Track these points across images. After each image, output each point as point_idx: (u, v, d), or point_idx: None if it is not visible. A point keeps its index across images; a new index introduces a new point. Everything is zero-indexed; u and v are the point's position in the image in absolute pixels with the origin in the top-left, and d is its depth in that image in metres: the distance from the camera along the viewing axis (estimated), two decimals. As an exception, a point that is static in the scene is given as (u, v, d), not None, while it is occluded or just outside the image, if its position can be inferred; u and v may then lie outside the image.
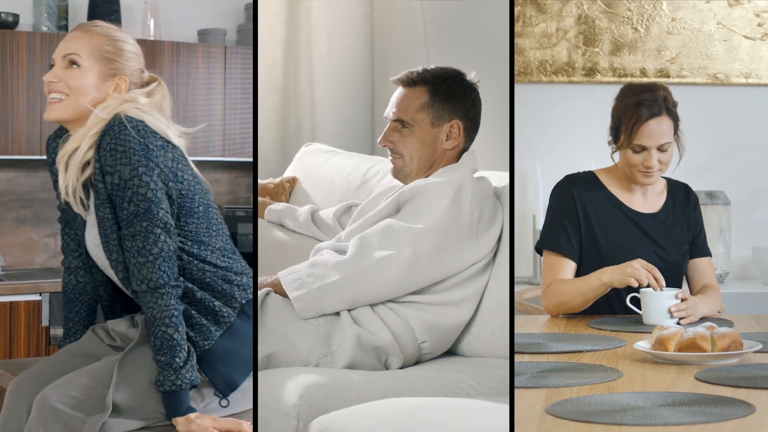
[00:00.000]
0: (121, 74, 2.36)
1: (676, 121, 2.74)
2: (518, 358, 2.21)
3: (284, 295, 2.56)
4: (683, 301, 2.59)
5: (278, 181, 3.45)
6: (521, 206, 4.40)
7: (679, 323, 2.53)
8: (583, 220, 2.77)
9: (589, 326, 2.59)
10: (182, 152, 2.34)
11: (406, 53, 3.92)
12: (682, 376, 2.02)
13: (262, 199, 3.33)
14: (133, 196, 2.21)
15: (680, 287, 2.80)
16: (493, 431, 2.01)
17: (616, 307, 2.75)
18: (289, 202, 3.43)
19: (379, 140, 2.80)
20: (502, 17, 3.45)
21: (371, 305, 2.56)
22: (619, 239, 2.76)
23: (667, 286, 2.67)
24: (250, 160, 4.95)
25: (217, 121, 4.80)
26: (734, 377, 1.97)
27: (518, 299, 3.46)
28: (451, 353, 2.69)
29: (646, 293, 2.60)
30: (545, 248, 2.80)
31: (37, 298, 4.21)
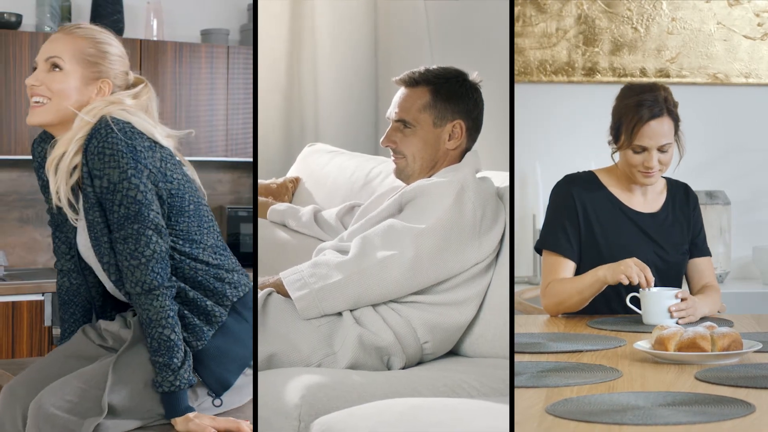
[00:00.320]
0: (104, 77, 2.33)
1: (676, 121, 2.74)
2: (518, 357, 2.21)
3: (286, 295, 2.56)
4: (683, 300, 2.59)
5: (281, 181, 3.45)
6: (521, 206, 4.40)
7: (678, 323, 2.54)
8: (582, 220, 2.78)
9: (588, 326, 2.60)
10: (170, 151, 2.32)
11: (409, 53, 3.92)
12: (682, 375, 2.02)
13: (264, 199, 3.32)
14: (123, 199, 2.19)
15: (680, 287, 2.81)
16: None
17: (615, 306, 2.76)
18: (292, 202, 3.43)
19: (381, 140, 2.79)
20: (502, 17, 3.46)
21: (373, 305, 2.56)
22: (618, 239, 2.77)
23: (667, 285, 2.69)
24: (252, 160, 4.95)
25: (219, 121, 4.80)
26: (734, 377, 1.97)
27: (518, 299, 3.46)
28: (453, 353, 2.69)
29: (645, 293, 2.60)
30: (545, 248, 2.81)
31: (39, 298, 4.21)
